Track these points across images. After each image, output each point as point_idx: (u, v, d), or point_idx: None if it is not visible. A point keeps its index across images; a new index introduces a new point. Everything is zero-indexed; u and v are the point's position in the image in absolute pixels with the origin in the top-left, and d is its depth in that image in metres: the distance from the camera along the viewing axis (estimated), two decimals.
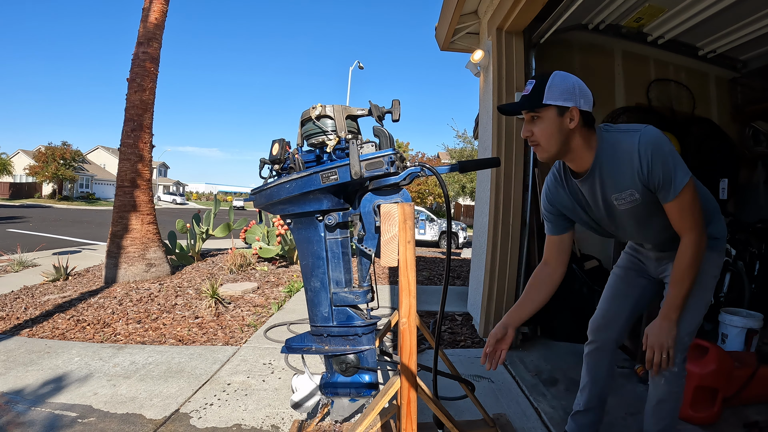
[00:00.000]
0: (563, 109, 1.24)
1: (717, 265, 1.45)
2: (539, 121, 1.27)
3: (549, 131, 1.26)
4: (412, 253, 1.15)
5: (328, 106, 1.32)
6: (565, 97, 1.23)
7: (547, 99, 1.23)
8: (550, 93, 1.23)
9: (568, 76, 1.27)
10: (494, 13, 2.95)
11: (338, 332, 1.33)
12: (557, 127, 1.25)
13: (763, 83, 3.49)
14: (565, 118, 1.25)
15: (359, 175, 1.19)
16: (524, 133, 1.31)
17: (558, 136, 1.26)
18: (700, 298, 1.42)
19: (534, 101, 1.25)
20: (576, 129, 1.26)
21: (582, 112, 1.25)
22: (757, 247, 3.27)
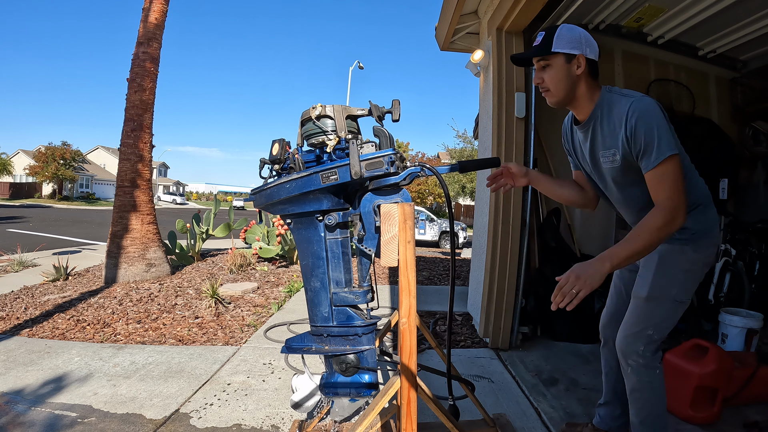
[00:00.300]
0: (570, 56, 1.34)
1: (691, 261, 1.41)
2: (549, 68, 1.37)
3: (558, 77, 1.37)
4: (412, 253, 1.16)
5: (328, 106, 1.33)
6: (572, 45, 1.33)
7: (556, 47, 1.34)
8: (558, 42, 1.34)
9: (575, 27, 1.36)
10: (494, 13, 2.95)
11: (338, 332, 1.33)
12: (565, 73, 1.35)
13: (763, 83, 3.49)
14: (572, 65, 1.35)
15: (359, 175, 1.19)
16: (536, 80, 1.42)
17: (566, 81, 1.36)
18: (666, 290, 1.42)
19: (544, 49, 1.36)
20: (582, 76, 1.36)
21: (588, 61, 1.35)
22: (757, 247, 3.28)
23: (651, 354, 1.44)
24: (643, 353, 1.44)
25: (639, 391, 1.48)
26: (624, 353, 1.47)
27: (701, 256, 1.41)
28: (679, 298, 1.42)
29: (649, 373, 1.45)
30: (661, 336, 1.45)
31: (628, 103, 1.30)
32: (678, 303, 1.43)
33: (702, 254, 1.41)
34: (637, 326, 1.46)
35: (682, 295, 1.42)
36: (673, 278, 1.42)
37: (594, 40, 1.38)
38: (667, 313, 1.43)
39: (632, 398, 1.50)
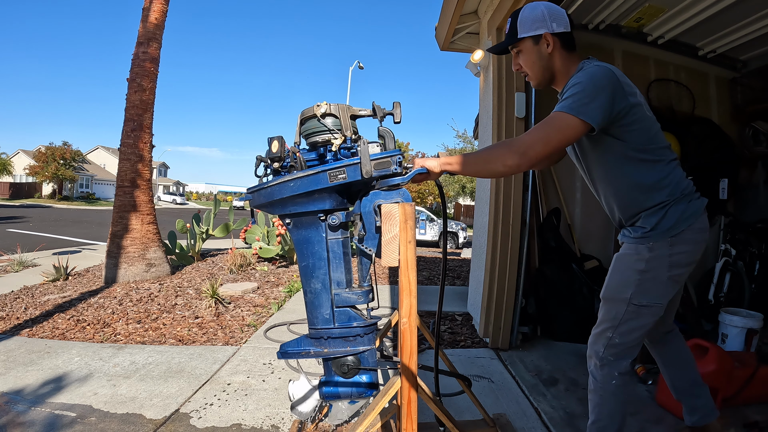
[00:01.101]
0: (537, 37, 1.34)
1: (645, 260, 1.31)
2: (521, 53, 1.39)
3: (530, 60, 1.37)
4: (412, 253, 1.15)
5: (333, 105, 1.32)
6: (535, 26, 1.33)
7: (521, 33, 1.34)
8: (521, 27, 1.34)
9: (536, 4, 1.35)
10: (494, 13, 2.95)
11: (339, 334, 1.31)
12: (537, 55, 1.36)
13: (763, 83, 3.49)
14: (540, 45, 1.34)
15: (370, 175, 1.18)
16: (514, 67, 1.43)
17: (539, 62, 1.37)
18: (619, 291, 1.36)
19: (512, 37, 1.37)
20: (554, 52, 1.34)
21: (557, 35, 1.33)
22: (757, 247, 3.28)
23: (611, 359, 1.37)
24: (603, 356, 1.38)
25: (592, 392, 1.44)
26: (588, 352, 1.45)
27: (660, 256, 1.30)
28: (636, 300, 1.32)
29: (605, 379, 1.39)
30: (624, 341, 1.36)
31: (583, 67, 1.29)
32: (638, 306, 1.32)
33: (660, 254, 1.30)
34: (598, 326, 1.42)
35: (641, 298, 1.32)
36: (626, 279, 1.35)
37: (561, 10, 1.34)
38: (627, 316, 1.34)
39: (589, 398, 1.46)
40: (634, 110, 1.27)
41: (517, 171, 1.26)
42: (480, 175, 1.34)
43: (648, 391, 2.24)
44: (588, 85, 1.22)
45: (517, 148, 1.21)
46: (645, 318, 1.34)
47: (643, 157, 1.31)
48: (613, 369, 1.38)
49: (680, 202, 1.32)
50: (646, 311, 1.33)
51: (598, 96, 1.20)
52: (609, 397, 1.39)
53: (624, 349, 1.38)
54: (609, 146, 1.33)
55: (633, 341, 1.37)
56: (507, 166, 1.22)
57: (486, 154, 1.28)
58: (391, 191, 1.24)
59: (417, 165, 1.27)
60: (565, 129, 1.21)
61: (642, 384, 2.33)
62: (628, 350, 1.38)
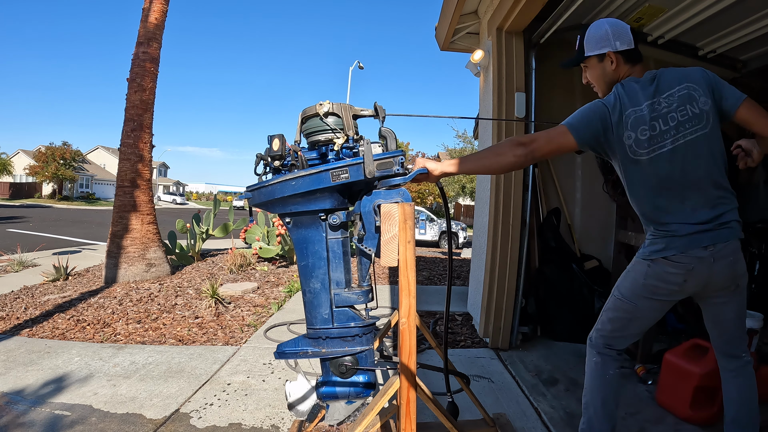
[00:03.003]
0: (601, 56, 1.43)
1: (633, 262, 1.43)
2: (588, 69, 1.50)
3: (596, 75, 1.48)
4: (412, 253, 1.15)
5: (335, 104, 1.32)
6: (600, 45, 1.42)
7: (587, 51, 1.45)
8: (587, 46, 1.45)
9: (601, 23, 1.44)
10: (494, 13, 2.95)
11: (338, 334, 1.31)
12: (601, 71, 1.46)
13: (763, 83, 3.48)
14: (605, 62, 1.43)
15: (373, 175, 1.19)
16: (584, 81, 1.54)
17: (604, 78, 1.46)
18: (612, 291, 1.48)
19: (579, 56, 1.49)
20: (619, 68, 1.42)
21: (621, 53, 1.41)
22: (757, 247, 3.27)
23: (593, 341, 1.51)
24: (590, 337, 1.53)
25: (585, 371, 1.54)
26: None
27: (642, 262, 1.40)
28: (617, 292, 1.46)
29: (588, 358, 1.52)
30: (603, 327, 1.49)
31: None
32: (615, 298, 1.45)
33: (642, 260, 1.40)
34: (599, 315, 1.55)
35: (619, 290, 1.45)
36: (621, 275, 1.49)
37: (624, 27, 1.43)
38: (609, 304, 1.48)
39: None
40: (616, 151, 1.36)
41: (524, 162, 1.35)
42: (487, 169, 1.45)
43: (648, 391, 2.24)
44: (588, 111, 1.37)
45: (524, 140, 1.34)
46: (619, 311, 1.45)
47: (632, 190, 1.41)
48: (593, 348, 1.51)
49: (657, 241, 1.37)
50: (620, 304, 1.44)
51: (586, 120, 1.35)
52: (589, 372, 1.51)
53: (603, 336, 1.49)
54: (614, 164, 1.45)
55: (611, 332, 1.47)
56: (517, 155, 1.32)
57: (495, 149, 1.38)
58: (390, 191, 1.24)
59: (418, 165, 1.29)
60: (560, 136, 1.36)
61: (642, 384, 2.33)
62: (606, 339, 1.48)
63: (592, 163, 3.29)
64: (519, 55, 2.90)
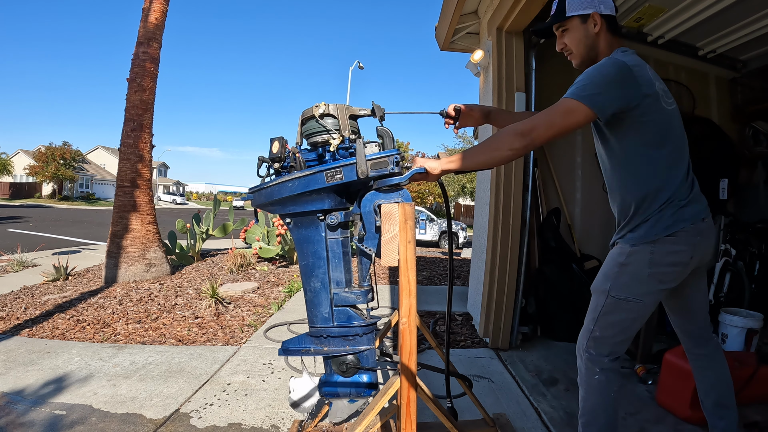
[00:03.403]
0: (585, 16, 1.37)
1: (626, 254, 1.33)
2: (567, 32, 1.42)
3: (577, 38, 1.41)
4: (412, 253, 1.16)
5: (331, 105, 1.32)
6: (585, 5, 1.36)
7: (569, 11, 1.38)
8: (570, 5, 1.38)
9: None
10: (494, 13, 2.95)
11: (338, 333, 1.32)
12: (583, 33, 1.39)
13: (763, 83, 3.49)
14: (588, 24, 1.38)
15: (365, 175, 1.19)
16: (558, 46, 1.47)
17: (585, 41, 1.40)
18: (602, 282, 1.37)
19: (559, 16, 1.41)
20: (601, 33, 1.38)
21: (605, 17, 1.36)
22: (757, 247, 3.27)
23: (593, 352, 1.36)
24: (585, 349, 1.38)
25: (579, 385, 1.42)
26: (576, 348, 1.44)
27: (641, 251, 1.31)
28: (615, 293, 1.33)
29: (587, 373, 1.38)
30: (604, 335, 1.35)
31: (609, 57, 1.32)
32: (616, 299, 1.32)
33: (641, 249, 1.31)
34: (586, 322, 1.42)
35: (618, 291, 1.32)
36: (608, 271, 1.37)
37: None
38: (607, 309, 1.34)
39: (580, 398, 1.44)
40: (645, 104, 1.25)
41: (523, 153, 1.28)
42: (486, 165, 1.32)
43: (648, 391, 2.24)
44: (597, 74, 1.25)
45: (521, 130, 1.24)
46: (623, 313, 1.33)
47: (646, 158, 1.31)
48: (595, 364, 1.36)
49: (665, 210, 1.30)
50: (625, 306, 1.32)
51: (604, 86, 1.23)
52: (591, 391, 1.38)
53: (605, 345, 1.36)
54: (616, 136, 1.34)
55: (614, 337, 1.35)
56: (515, 149, 1.24)
57: (491, 142, 1.29)
58: (391, 191, 1.24)
59: (417, 164, 1.27)
60: (568, 114, 1.23)
61: (642, 384, 2.33)
62: (610, 346, 1.35)
63: (593, 163, 3.29)
64: (519, 55, 2.91)
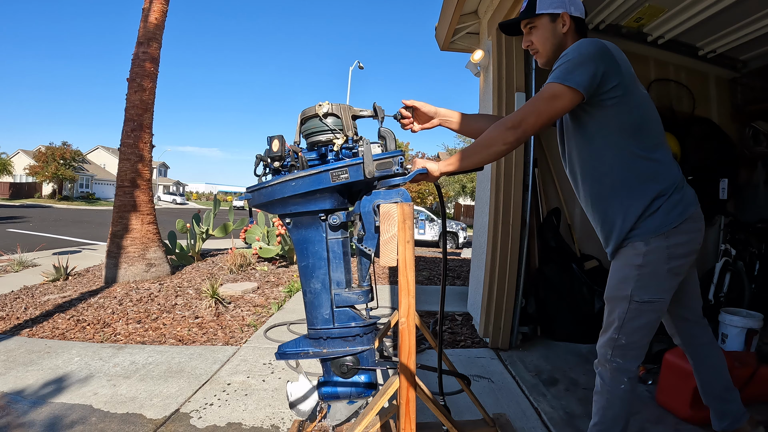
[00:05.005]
0: (555, 15, 1.37)
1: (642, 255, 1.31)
2: (535, 30, 1.41)
3: (544, 36, 1.39)
4: (411, 253, 1.15)
5: (334, 105, 1.32)
6: (555, 4, 1.36)
7: (540, 9, 1.37)
8: (541, 3, 1.37)
9: None
10: (494, 13, 2.95)
11: (338, 334, 1.31)
12: (551, 32, 1.38)
13: (763, 83, 3.49)
14: (557, 23, 1.37)
15: (372, 175, 1.19)
16: (524, 44, 1.45)
17: (552, 40, 1.39)
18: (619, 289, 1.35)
19: (529, 12, 1.40)
20: (569, 33, 1.37)
21: (573, 18, 1.37)
22: (757, 247, 3.27)
23: (620, 361, 1.35)
24: (611, 359, 1.36)
25: (599, 394, 1.41)
26: (598, 356, 1.42)
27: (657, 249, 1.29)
28: (638, 297, 1.30)
29: (613, 383, 1.36)
30: (630, 341, 1.33)
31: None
32: (640, 303, 1.30)
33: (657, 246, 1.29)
34: (604, 329, 1.40)
35: (641, 294, 1.30)
36: (625, 276, 1.34)
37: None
38: (630, 314, 1.32)
39: (594, 399, 1.43)
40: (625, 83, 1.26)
41: (517, 145, 1.27)
42: (483, 162, 1.33)
43: (648, 391, 2.24)
44: (575, 54, 1.25)
45: (511, 123, 1.24)
46: (648, 315, 1.32)
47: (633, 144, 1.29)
48: (623, 373, 1.35)
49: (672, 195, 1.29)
50: (649, 307, 1.31)
51: (584, 63, 1.23)
52: (616, 401, 1.36)
53: (632, 350, 1.34)
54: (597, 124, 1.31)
55: (640, 341, 1.34)
56: (508, 143, 1.25)
57: (484, 140, 1.28)
58: (390, 191, 1.24)
59: (418, 165, 1.28)
60: (553, 98, 1.23)
61: (642, 384, 2.33)
62: (636, 351, 1.35)
63: None
64: (519, 55, 2.91)
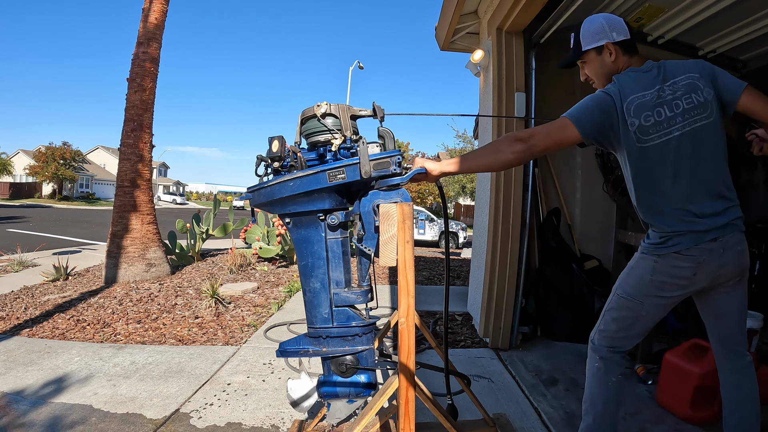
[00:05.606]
0: (599, 48, 1.43)
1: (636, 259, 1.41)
2: (587, 65, 1.49)
3: (595, 70, 1.47)
4: (410, 253, 1.15)
5: (333, 105, 1.32)
6: (597, 38, 1.42)
7: (585, 46, 1.45)
8: (584, 40, 1.45)
9: (596, 17, 1.46)
10: (494, 13, 2.95)
11: (338, 333, 1.31)
12: (599, 64, 1.45)
13: (763, 83, 3.48)
14: (604, 54, 1.43)
15: (369, 175, 1.19)
16: (582, 77, 1.54)
17: (602, 70, 1.45)
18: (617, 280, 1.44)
19: (577, 52, 1.48)
20: (617, 59, 1.42)
21: (619, 43, 1.41)
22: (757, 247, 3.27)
23: (597, 344, 1.47)
24: (592, 339, 1.49)
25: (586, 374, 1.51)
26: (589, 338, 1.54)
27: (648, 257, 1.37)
28: (620, 292, 1.42)
29: (590, 362, 1.49)
30: (606, 329, 1.44)
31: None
32: (619, 297, 1.42)
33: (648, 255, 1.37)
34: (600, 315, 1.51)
35: (623, 290, 1.41)
36: (622, 272, 1.46)
37: (618, 19, 1.44)
38: (611, 305, 1.44)
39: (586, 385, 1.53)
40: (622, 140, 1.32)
41: (523, 158, 1.32)
42: (486, 168, 1.42)
43: (648, 391, 2.24)
44: (588, 100, 1.34)
45: (522, 136, 1.32)
46: (624, 311, 1.40)
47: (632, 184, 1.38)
48: (596, 352, 1.47)
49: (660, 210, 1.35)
50: (625, 303, 1.40)
51: (593, 113, 1.32)
52: (590, 377, 1.47)
53: (607, 337, 1.44)
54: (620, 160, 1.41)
55: (615, 332, 1.43)
56: (516, 152, 1.30)
57: (492, 146, 1.35)
58: (390, 191, 1.24)
59: (417, 165, 1.29)
60: (561, 129, 1.32)
61: (642, 384, 2.33)
62: (610, 340, 1.44)
63: (593, 162, 3.29)
64: (519, 55, 2.91)
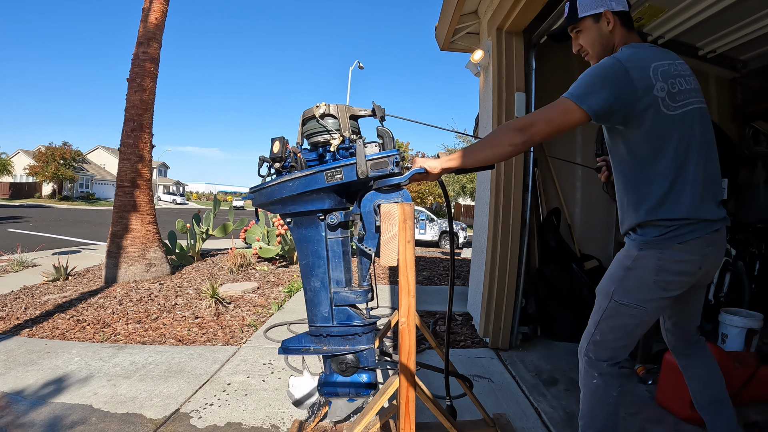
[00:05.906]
0: (597, 15, 1.36)
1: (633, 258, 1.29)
2: (582, 33, 1.41)
3: (591, 38, 1.40)
4: (411, 253, 1.15)
5: (332, 105, 1.33)
6: (596, 5, 1.35)
7: (581, 12, 1.38)
8: (581, 6, 1.38)
9: None
10: (494, 13, 2.95)
11: (338, 332, 1.32)
12: (597, 33, 1.38)
13: (763, 83, 3.49)
14: (601, 23, 1.36)
15: (365, 175, 1.19)
16: (575, 48, 1.46)
17: (600, 40, 1.38)
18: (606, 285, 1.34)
19: (572, 18, 1.41)
20: (615, 30, 1.36)
21: (617, 14, 1.35)
22: (757, 247, 3.27)
23: (591, 356, 1.35)
24: (586, 353, 1.37)
25: (581, 388, 1.41)
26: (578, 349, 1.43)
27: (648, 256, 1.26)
28: (618, 297, 1.29)
29: (585, 376, 1.37)
30: (604, 339, 1.32)
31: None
32: (618, 304, 1.29)
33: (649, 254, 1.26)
34: (589, 323, 1.39)
35: (621, 296, 1.29)
36: (613, 274, 1.34)
37: None
38: (608, 312, 1.31)
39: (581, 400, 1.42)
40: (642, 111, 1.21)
41: (523, 149, 1.25)
42: (486, 162, 1.31)
43: (648, 391, 2.24)
44: (591, 74, 1.24)
45: (521, 126, 1.24)
46: (625, 318, 1.29)
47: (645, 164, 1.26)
48: (593, 368, 1.35)
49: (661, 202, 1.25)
50: (626, 311, 1.29)
51: (601, 88, 1.21)
52: (588, 394, 1.37)
53: (604, 349, 1.33)
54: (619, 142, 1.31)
55: (614, 342, 1.32)
56: (514, 144, 1.23)
57: (490, 138, 1.28)
58: (391, 191, 1.24)
59: (417, 164, 1.27)
60: (565, 113, 1.23)
61: (642, 384, 2.33)
62: (610, 351, 1.33)
63: (592, 163, 3.29)
64: (519, 55, 2.91)
